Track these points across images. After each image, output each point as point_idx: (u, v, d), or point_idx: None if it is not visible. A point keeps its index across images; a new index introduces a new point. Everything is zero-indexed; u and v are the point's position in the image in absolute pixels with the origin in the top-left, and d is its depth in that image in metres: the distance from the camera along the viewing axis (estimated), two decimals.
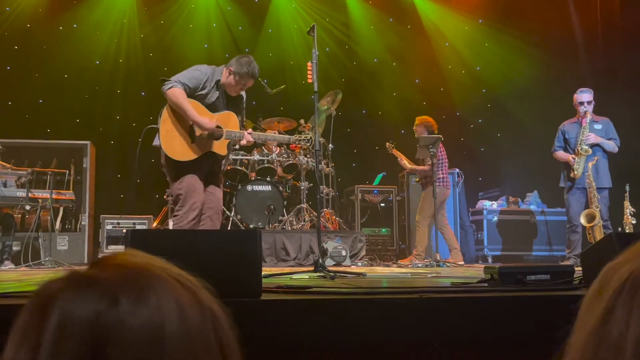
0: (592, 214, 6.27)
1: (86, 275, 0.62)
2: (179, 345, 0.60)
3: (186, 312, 0.62)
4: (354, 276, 3.97)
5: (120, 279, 0.61)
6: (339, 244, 6.45)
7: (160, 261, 0.67)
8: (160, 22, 9.69)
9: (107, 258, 0.65)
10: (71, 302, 0.59)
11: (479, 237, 8.34)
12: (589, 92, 6.54)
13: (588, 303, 0.66)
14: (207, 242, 2.22)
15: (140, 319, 0.59)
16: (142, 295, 0.60)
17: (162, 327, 0.60)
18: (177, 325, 0.61)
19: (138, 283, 0.61)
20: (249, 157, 7.41)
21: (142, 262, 0.64)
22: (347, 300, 2.20)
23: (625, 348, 0.58)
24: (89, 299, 0.59)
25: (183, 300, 0.62)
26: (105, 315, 0.58)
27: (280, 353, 1.98)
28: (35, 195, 6.14)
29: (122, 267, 0.63)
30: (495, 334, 2.18)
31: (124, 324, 0.58)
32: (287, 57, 9.93)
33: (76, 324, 0.58)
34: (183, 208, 4.48)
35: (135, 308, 0.59)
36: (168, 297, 0.62)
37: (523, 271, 2.61)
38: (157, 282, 0.62)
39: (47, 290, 0.62)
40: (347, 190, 8.81)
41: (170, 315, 0.60)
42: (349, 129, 9.82)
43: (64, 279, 0.62)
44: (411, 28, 10.49)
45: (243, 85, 4.69)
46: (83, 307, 0.59)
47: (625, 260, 0.65)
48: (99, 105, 9.03)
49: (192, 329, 0.62)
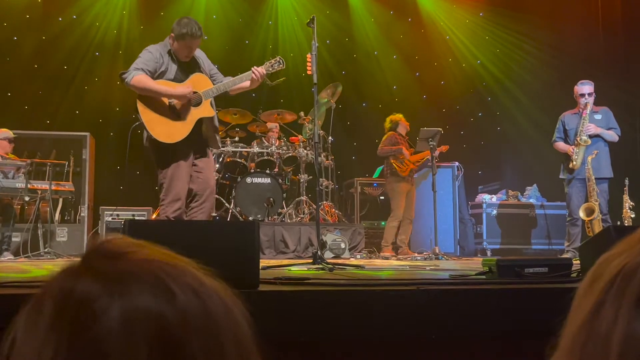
0: (591, 208, 6.27)
1: (122, 271, 0.60)
2: (226, 326, 0.61)
3: (222, 296, 0.63)
4: (352, 268, 3.97)
5: (160, 272, 0.61)
6: (338, 236, 6.45)
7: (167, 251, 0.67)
8: (160, 14, 9.67)
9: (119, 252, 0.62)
10: (129, 301, 0.57)
11: (478, 231, 8.35)
12: (589, 84, 6.53)
13: (581, 294, 0.65)
14: (204, 233, 2.22)
15: (195, 308, 0.59)
16: (187, 285, 0.61)
17: (211, 311, 0.60)
18: (221, 308, 0.62)
19: (177, 274, 0.61)
20: (249, 149, 7.41)
21: (161, 253, 0.64)
22: (345, 291, 2.21)
23: (611, 345, 0.56)
24: (144, 295, 0.58)
25: (214, 286, 0.63)
26: (166, 308, 0.58)
27: (278, 344, 1.99)
28: (35, 186, 6.14)
29: (151, 261, 0.62)
30: (492, 326, 2.19)
31: (185, 314, 0.58)
32: (287, 50, 9.91)
33: (143, 322, 0.57)
34: (167, 198, 4.37)
35: (188, 297, 0.60)
36: (204, 284, 0.62)
37: (521, 264, 2.61)
38: (189, 272, 0.63)
39: (79, 291, 0.58)
40: (347, 183, 8.81)
41: (213, 300, 0.61)
42: (348, 122, 9.82)
43: (97, 277, 0.59)
44: (412, 21, 10.47)
45: (189, 47, 4.47)
46: (144, 304, 0.57)
47: (619, 252, 0.64)
48: (98, 96, 9.01)
49: (230, 310, 0.63)
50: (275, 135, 7.70)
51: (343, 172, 9.00)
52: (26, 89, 8.84)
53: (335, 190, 8.12)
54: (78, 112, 8.97)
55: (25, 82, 8.81)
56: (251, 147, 7.44)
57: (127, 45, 9.37)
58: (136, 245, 0.65)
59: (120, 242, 0.65)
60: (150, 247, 0.65)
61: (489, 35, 10.21)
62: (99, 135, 8.27)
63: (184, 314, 0.58)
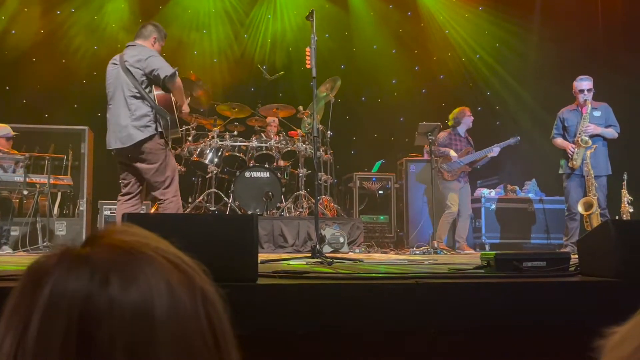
0: (590, 202, 6.28)
1: (79, 253, 0.62)
2: (169, 325, 0.60)
3: (176, 293, 0.62)
4: (351, 262, 3.98)
5: (112, 258, 0.61)
6: (336, 230, 6.45)
7: (156, 239, 0.67)
8: (159, 7, 9.64)
9: (101, 235, 0.65)
10: (63, 279, 0.59)
11: (477, 225, 8.35)
12: (588, 80, 6.51)
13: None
14: (203, 226, 2.22)
15: (129, 299, 0.59)
16: (132, 276, 0.60)
17: (151, 308, 0.60)
18: (167, 306, 0.60)
19: (129, 263, 0.61)
20: (247, 143, 7.40)
21: (135, 241, 0.64)
22: (343, 285, 2.21)
23: None
24: (81, 277, 0.59)
25: (173, 281, 0.62)
26: (95, 294, 0.58)
27: (276, 337, 1.99)
28: (33, 180, 6.14)
29: (114, 247, 0.63)
30: (491, 320, 2.19)
31: (113, 304, 0.58)
32: (286, 44, 9.89)
33: (66, 302, 0.58)
34: (176, 192, 4.64)
35: (125, 288, 0.59)
36: (158, 277, 0.61)
37: (519, 258, 2.61)
38: (147, 263, 0.62)
39: (40, 266, 0.62)
40: (346, 178, 8.81)
41: (160, 296, 0.60)
42: (347, 116, 9.81)
43: (58, 255, 0.62)
44: (411, 15, 10.45)
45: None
46: (74, 285, 0.59)
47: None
48: (97, 90, 8.95)
49: (182, 309, 0.61)
50: (274, 129, 7.69)
51: (342, 166, 9.00)
52: (25, 83, 8.82)
53: (334, 185, 8.12)
54: (77, 106, 8.96)
55: (24, 76, 8.79)
56: (250, 141, 7.44)
57: (126, 39, 9.34)
58: (123, 231, 0.65)
59: (113, 227, 0.65)
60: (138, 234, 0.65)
61: (489, 30, 10.19)
62: (98, 129, 8.23)
63: (114, 303, 0.58)
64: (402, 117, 10.08)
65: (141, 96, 4.54)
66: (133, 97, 4.55)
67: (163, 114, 4.53)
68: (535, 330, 2.21)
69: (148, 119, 4.53)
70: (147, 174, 4.60)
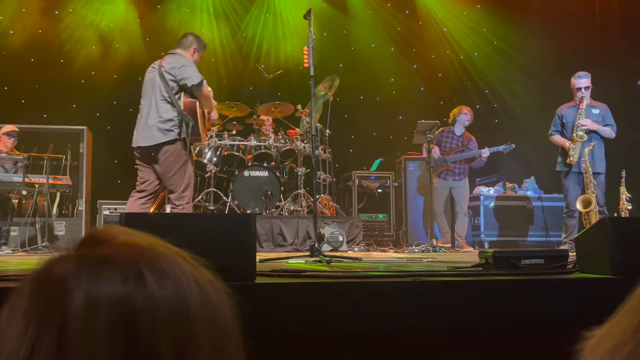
0: (588, 200, 6.29)
1: (99, 255, 0.61)
2: (203, 318, 0.61)
3: (205, 287, 0.63)
4: (350, 261, 3.98)
5: (136, 256, 0.61)
6: (335, 229, 6.46)
7: (155, 239, 0.67)
8: (157, 7, 9.63)
9: (104, 238, 0.64)
10: (95, 283, 0.58)
11: (475, 223, 8.36)
12: (586, 77, 6.51)
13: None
14: (201, 225, 2.22)
15: (167, 294, 0.59)
16: (162, 271, 0.60)
17: (185, 301, 0.60)
18: (199, 300, 0.61)
19: (155, 260, 0.61)
20: (246, 142, 7.40)
21: (145, 240, 0.65)
22: (342, 283, 2.21)
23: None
24: (112, 278, 0.58)
25: (198, 276, 0.63)
26: (133, 293, 0.58)
27: (274, 336, 1.99)
28: (32, 180, 6.14)
29: (131, 246, 0.62)
30: (489, 318, 2.20)
31: (152, 300, 0.58)
32: (284, 42, 9.89)
33: (105, 305, 0.57)
34: (190, 198, 4.87)
35: (161, 284, 0.59)
36: (185, 272, 0.62)
37: (517, 255, 2.61)
38: (170, 259, 0.63)
39: (55, 272, 0.60)
40: (344, 176, 8.81)
41: (191, 290, 0.61)
42: (346, 115, 9.80)
43: (74, 259, 0.60)
44: (409, 13, 10.45)
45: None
46: (109, 288, 0.58)
47: None
48: (95, 90, 8.99)
49: (212, 303, 0.62)
50: (268, 128, 7.69)
51: (341, 165, 8.99)
52: (23, 83, 8.81)
53: (332, 183, 8.11)
54: (75, 106, 8.95)
55: (22, 76, 8.78)
56: (248, 140, 7.44)
57: (124, 39, 9.35)
58: (124, 232, 0.65)
59: (110, 229, 0.65)
60: (139, 235, 0.66)
61: (487, 28, 10.19)
62: (97, 129, 8.25)
63: (153, 299, 0.58)
64: (401, 115, 10.08)
65: (171, 101, 4.78)
66: (164, 100, 4.80)
67: (187, 120, 4.74)
68: (533, 327, 2.21)
69: (172, 123, 4.76)
70: (165, 177, 4.82)
